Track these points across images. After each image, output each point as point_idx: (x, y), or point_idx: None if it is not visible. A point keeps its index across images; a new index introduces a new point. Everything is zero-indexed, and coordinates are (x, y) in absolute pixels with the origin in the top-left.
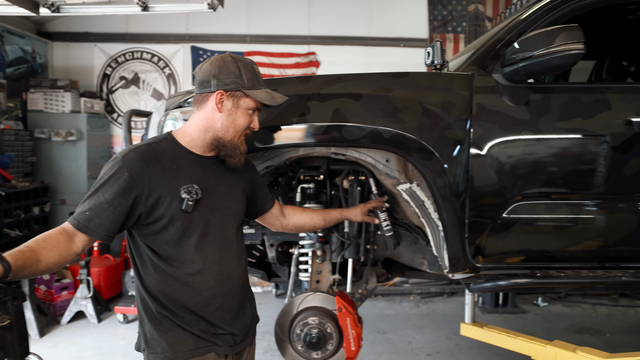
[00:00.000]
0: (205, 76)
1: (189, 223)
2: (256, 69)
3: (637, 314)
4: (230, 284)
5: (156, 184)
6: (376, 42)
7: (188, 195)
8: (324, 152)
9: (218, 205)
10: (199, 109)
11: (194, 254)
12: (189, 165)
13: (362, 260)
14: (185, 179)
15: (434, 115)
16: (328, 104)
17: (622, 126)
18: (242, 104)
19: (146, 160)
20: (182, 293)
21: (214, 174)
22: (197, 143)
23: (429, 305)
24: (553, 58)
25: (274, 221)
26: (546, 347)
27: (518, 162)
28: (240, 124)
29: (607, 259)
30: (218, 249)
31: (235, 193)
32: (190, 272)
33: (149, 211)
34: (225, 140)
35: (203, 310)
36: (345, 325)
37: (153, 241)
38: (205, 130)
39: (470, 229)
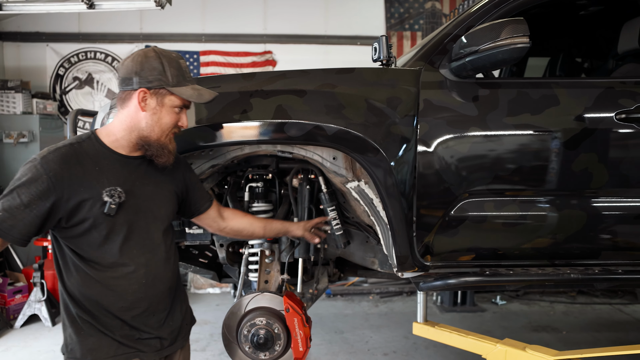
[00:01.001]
0: (127, 73)
1: (112, 226)
2: (182, 64)
3: (594, 311)
4: (156, 288)
5: (77, 187)
6: (333, 41)
7: (110, 199)
8: (270, 150)
9: (144, 208)
10: (122, 107)
11: (118, 257)
12: (113, 166)
13: (313, 259)
14: (108, 181)
15: (379, 112)
16: (271, 100)
17: (571, 121)
18: (167, 102)
19: (66, 162)
20: (105, 297)
21: (141, 175)
22: (122, 143)
23: (388, 304)
24: (499, 52)
25: (211, 222)
26: (496, 345)
27: (465, 159)
28: (166, 122)
29: (557, 256)
30: (143, 252)
31: (163, 194)
32: (114, 275)
33: (69, 215)
34: (152, 140)
35: (126, 314)
36: (293, 325)
37: (75, 244)
38: (129, 129)
39: (418, 227)
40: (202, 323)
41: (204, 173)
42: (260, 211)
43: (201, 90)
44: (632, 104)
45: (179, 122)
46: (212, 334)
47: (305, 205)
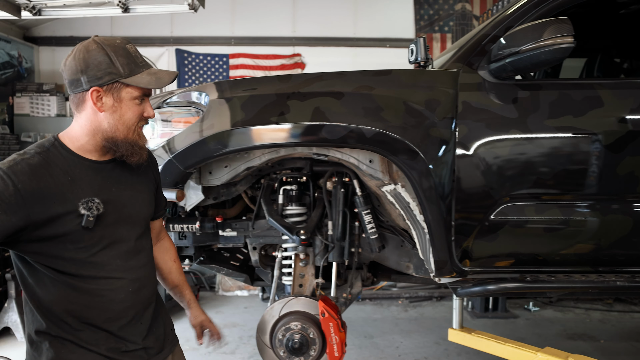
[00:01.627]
0: (72, 74)
1: (90, 238)
2: (130, 49)
3: (632, 319)
4: (142, 294)
5: (49, 200)
6: (362, 43)
7: (88, 212)
8: (305, 152)
9: (124, 215)
10: (78, 111)
11: (100, 268)
12: (85, 174)
13: (347, 263)
14: (82, 191)
15: (418, 114)
16: (308, 102)
17: (615, 124)
18: (124, 96)
19: (36, 174)
20: (90, 309)
21: (116, 180)
22: (89, 148)
23: (418, 309)
24: (541, 53)
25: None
26: (537, 354)
27: (506, 162)
28: (129, 118)
29: (601, 263)
30: (127, 260)
31: (142, 197)
32: (98, 286)
33: (41, 231)
34: (119, 140)
35: (113, 326)
36: (329, 330)
37: (50, 260)
38: (92, 133)
39: (457, 232)
40: (230, 326)
41: (239, 175)
42: (294, 214)
43: (158, 72)
44: None
45: (144, 113)
46: (240, 336)
47: (340, 208)
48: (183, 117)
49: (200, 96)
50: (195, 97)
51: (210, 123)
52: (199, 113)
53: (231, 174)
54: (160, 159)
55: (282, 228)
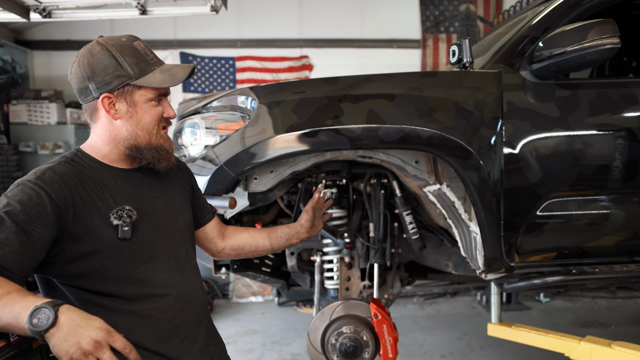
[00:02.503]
0: (80, 82)
1: (129, 252)
2: (138, 46)
3: (636, 305)
4: (191, 310)
5: (83, 210)
6: (369, 44)
7: (120, 221)
8: (350, 155)
9: (160, 224)
10: (93, 121)
11: (143, 285)
12: (114, 183)
13: (387, 264)
14: (115, 200)
15: (468, 115)
16: (361, 105)
17: None
18: (138, 99)
19: (66, 182)
20: (138, 332)
21: (147, 188)
22: (114, 157)
23: (434, 306)
24: (587, 53)
25: (208, 243)
26: (580, 343)
27: (550, 159)
28: (147, 122)
29: (637, 253)
30: (171, 274)
31: (177, 204)
32: (143, 306)
33: (78, 245)
34: (142, 146)
35: (166, 347)
36: (382, 332)
37: (88, 281)
38: (113, 142)
39: (506, 228)
40: (251, 333)
41: (284, 181)
42: (335, 217)
43: (172, 68)
44: None
45: (164, 113)
46: (264, 343)
47: (380, 209)
48: (228, 122)
49: (246, 100)
50: (240, 102)
51: (262, 127)
52: (244, 118)
53: (277, 179)
54: (209, 165)
55: (326, 232)
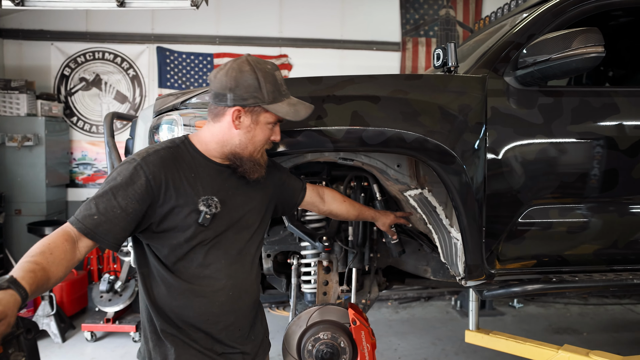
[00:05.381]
0: (221, 88)
1: (202, 236)
2: (278, 77)
3: (607, 311)
4: (242, 301)
5: (173, 192)
6: (349, 45)
7: (207, 209)
8: (332, 157)
9: (234, 217)
10: (214, 121)
11: (205, 267)
12: (208, 174)
13: (366, 269)
14: (204, 189)
15: (453, 119)
16: (345, 106)
17: (630, 129)
18: (261, 120)
19: (166, 166)
20: (191, 309)
21: (233, 184)
22: (214, 153)
23: (408, 310)
24: (572, 61)
25: (311, 207)
26: (558, 352)
27: (533, 166)
28: (259, 140)
29: (615, 262)
30: (231, 263)
31: (253, 205)
32: (201, 287)
33: (161, 220)
34: (244, 157)
35: (212, 328)
36: (360, 338)
37: (161, 251)
38: (222, 144)
39: (487, 235)
40: None
41: None
42: (314, 220)
43: (297, 105)
44: None
45: (272, 137)
46: None
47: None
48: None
49: None
50: None
51: None
52: None
53: None
54: None
55: (304, 235)
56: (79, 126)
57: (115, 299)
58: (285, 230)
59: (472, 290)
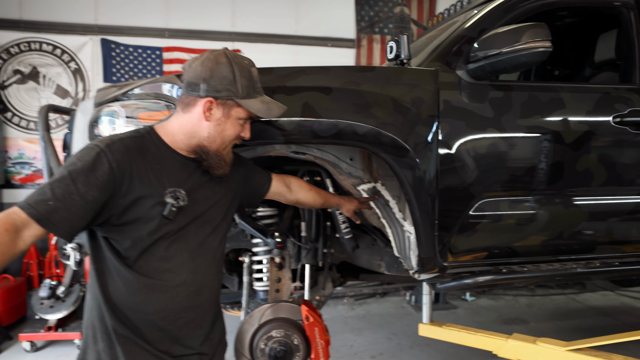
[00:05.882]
0: (195, 77)
1: (166, 229)
2: (254, 73)
3: (552, 301)
4: (203, 296)
5: (137, 182)
6: (303, 41)
7: (174, 201)
8: (283, 150)
9: (197, 211)
10: (184, 111)
11: (166, 261)
12: (173, 166)
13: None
14: (169, 181)
15: (405, 112)
16: (296, 97)
17: (575, 124)
18: (233, 114)
19: (131, 155)
20: (150, 305)
21: (197, 178)
22: (181, 145)
23: (364, 307)
24: (521, 55)
25: (278, 197)
26: (507, 341)
27: (483, 160)
28: (229, 135)
29: (561, 252)
30: (192, 257)
31: (217, 199)
32: (161, 281)
33: (123, 211)
34: (211, 151)
35: (172, 325)
36: (314, 335)
37: (122, 245)
38: (189, 135)
39: (440, 228)
40: None
41: None
42: (266, 216)
43: (270, 104)
44: (626, 109)
45: (242, 133)
46: None
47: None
48: (151, 112)
49: (172, 88)
50: (166, 90)
51: None
52: (169, 107)
53: None
54: None
55: (255, 231)
56: (14, 122)
57: (57, 306)
58: (236, 227)
59: (425, 284)
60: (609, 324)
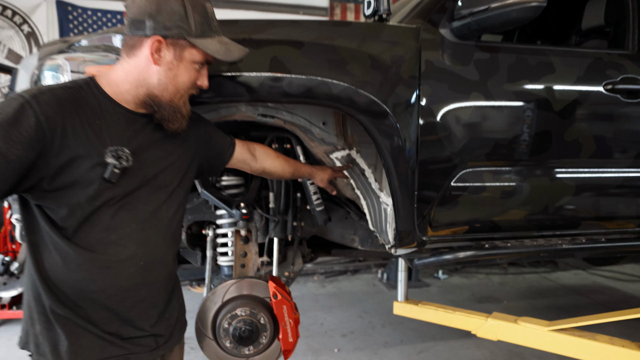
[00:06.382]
0: (139, 14)
1: (109, 194)
2: (209, 9)
3: (525, 280)
4: (157, 272)
5: (72, 139)
6: (274, 8)
7: (115, 161)
8: (249, 113)
9: (148, 174)
10: (129, 55)
11: (111, 232)
12: (117, 121)
13: (289, 239)
14: (112, 139)
15: (384, 70)
16: (264, 50)
17: (564, 90)
18: (186, 56)
19: (63, 108)
20: (93, 283)
21: (148, 136)
22: (127, 97)
23: (335, 284)
24: (512, 10)
25: (242, 165)
26: (487, 320)
27: (467, 126)
28: (183, 81)
29: (545, 227)
30: (143, 228)
31: (171, 161)
32: (106, 255)
33: (55, 174)
34: (163, 101)
35: (120, 305)
36: (282, 314)
37: (57, 213)
38: (136, 84)
39: (419, 200)
40: None
41: None
42: (231, 185)
43: (230, 44)
44: (618, 75)
45: (198, 80)
46: None
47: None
48: (100, 65)
49: None
50: (117, 42)
51: None
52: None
53: None
54: None
55: (219, 202)
56: None
57: (11, 282)
58: (199, 197)
59: (401, 260)
60: (582, 303)
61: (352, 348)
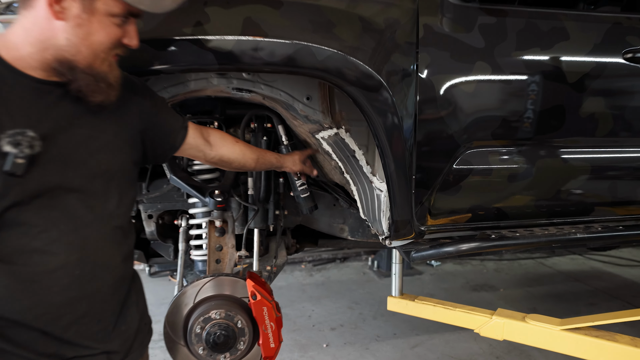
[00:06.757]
0: None
1: (19, 191)
2: None
3: (520, 266)
4: (100, 280)
5: None
6: None
7: (15, 149)
8: (222, 88)
9: (74, 161)
10: (25, 8)
11: (32, 238)
12: (19, 95)
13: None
14: (11, 119)
15: (377, 35)
16: (235, 10)
17: (579, 60)
18: (99, 7)
19: None
20: (15, 301)
21: (67, 111)
22: (31, 62)
23: (323, 273)
24: None
25: (195, 153)
26: (492, 317)
27: (471, 99)
28: (99, 41)
29: (555, 214)
30: (75, 229)
31: (105, 140)
32: (30, 267)
33: None
34: (79, 67)
35: (52, 325)
36: (262, 316)
37: None
38: (40, 45)
39: (417, 185)
40: None
41: None
42: (204, 170)
43: None
44: (639, 42)
45: (125, 38)
46: None
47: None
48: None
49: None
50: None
51: None
52: None
53: None
54: None
55: (190, 188)
56: None
57: None
58: (169, 184)
59: (396, 252)
60: (581, 290)
61: (341, 342)
